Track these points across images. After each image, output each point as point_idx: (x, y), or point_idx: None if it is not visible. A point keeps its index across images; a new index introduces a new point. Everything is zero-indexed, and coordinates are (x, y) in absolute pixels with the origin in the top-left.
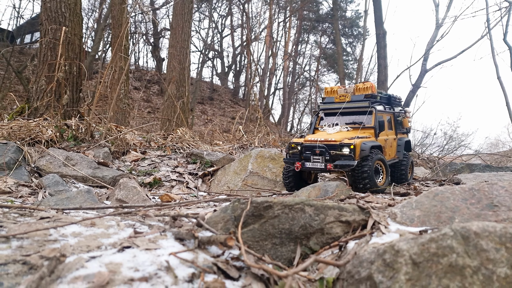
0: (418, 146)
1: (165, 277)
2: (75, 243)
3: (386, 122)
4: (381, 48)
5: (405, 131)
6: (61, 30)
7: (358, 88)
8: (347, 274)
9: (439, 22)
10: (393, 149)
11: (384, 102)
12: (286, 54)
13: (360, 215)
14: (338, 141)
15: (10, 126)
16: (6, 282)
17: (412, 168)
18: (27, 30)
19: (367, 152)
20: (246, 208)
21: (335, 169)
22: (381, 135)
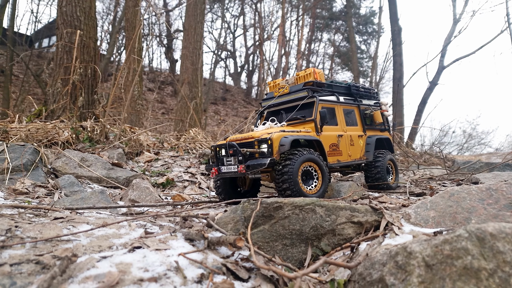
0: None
1: (174, 278)
2: (87, 243)
3: (342, 115)
4: (396, 45)
5: (383, 128)
6: (76, 34)
7: (298, 77)
8: (358, 276)
9: (456, 17)
10: (357, 148)
11: (338, 91)
12: (299, 53)
13: (372, 216)
14: (254, 137)
15: (28, 128)
16: (19, 281)
17: (396, 171)
18: (45, 34)
19: (287, 147)
20: (256, 209)
21: (248, 170)
22: (330, 129)
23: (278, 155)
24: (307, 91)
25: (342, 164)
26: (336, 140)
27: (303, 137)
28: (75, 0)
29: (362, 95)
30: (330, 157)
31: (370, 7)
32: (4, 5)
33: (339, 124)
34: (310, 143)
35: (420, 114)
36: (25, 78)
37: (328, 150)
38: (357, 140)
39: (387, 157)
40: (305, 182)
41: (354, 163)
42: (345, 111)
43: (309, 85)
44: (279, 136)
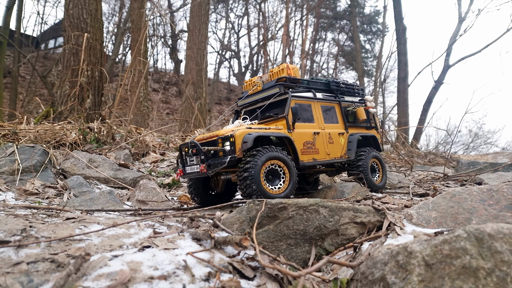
0: (441, 144)
1: (182, 276)
2: (98, 243)
3: (320, 112)
4: (401, 44)
5: (368, 126)
6: (83, 36)
7: (272, 74)
8: (361, 275)
9: (462, 15)
10: (337, 146)
11: (316, 88)
12: (304, 52)
13: (375, 216)
14: (218, 135)
15: (36, 130)
16: (36, 279)
17: (383, 169)
18: (51, 35)
19: (249, 145)
20: (261, 210)
21: (209, 170)
22: (305, 127)
23: (241, 153)
24: (279, 87)
25: (319, 163)
26: (311, 137)
27: (271, 134)
28: (81, 3)
29: (344, 92)
30: (305, 155)
31: (374, 7)
32: (11, 7)
33: (316, 121)
34: (281, 141)
35: (425, 114)
36: (32, 79)
37: (302, 148)
38: (337, 138)
39: (370, 154)
40: (271, 181)
41: (334, 162)
42: (324, 108)
43: (281, 81)
44: (242, 133)
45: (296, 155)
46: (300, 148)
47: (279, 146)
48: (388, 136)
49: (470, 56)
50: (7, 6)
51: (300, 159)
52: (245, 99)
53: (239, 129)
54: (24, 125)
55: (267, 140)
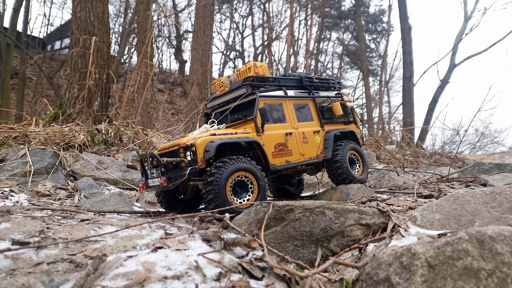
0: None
1: (194, 276)
2: (113, 244)
3: (292, 110)
4: (406, 43)
5: (346, 121)
6: (91, 39)
7: (239, 73)
8: (366, 276)
9: (467, 14)
10: (312, 145)
11: (287, 85)
12: (308, 52)
13: (380, 218)
14: (180, 144)
15: (46, 132)
16: (57, 278)
17: (363, 161)
18: (57, 36)
19: (211, 153)
20: (268, 212)
21: (169, 183)
22: (276, 128)
23: (203, 163)
24: (245, 87)
25: (294, 165)
26: (283, 139)
27: (236, 140)
28: (88, 6)
29: (318, 87)
30: (277, 158)
31: (379, 6)
32: (18, 9)
33: (289, 121)
34: (251, 145)
35: (431, 113)
36: (39, 81)
37: (273, 151)
38: (312, 136)
39: (347, 147)
40: (238, 194)
41: (310, 162)
42: (296, 105)
43: (249, 81)
44: (203, 141)
45: (266, 159)
46: (271, 151)
47: (249, 150)
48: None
49: (476, 55)
50: (14, 8)
51: (272, 163)
52: (212, 101)
53: (200, 137)
54: (33, 127)
55: (237, 145)
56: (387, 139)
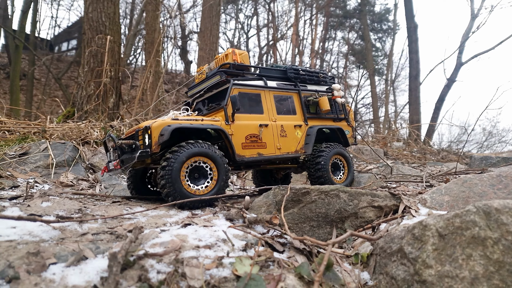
0: (454, 142)
1: (223, 246)
2: (145, 221)
3: (272, 102)
4: (413, 42)
5: (335, 117)
6: (106, 39)
7: (217, 60)
8: (379, 249)
9: (474, 12)
10: (291, 139)
11: (269, 76)
12: (313, 52)
13: (391, 200)
14: (140, 127)
15: (63, 128)
16: (102, 246)
17: (349, 167)
18: (64, 38)
19: (166, 137)
20: (287, 193)
21: (122, 166)
22: (250, 118)
23: (157, 147)
24: (219, 74)
25: (267, 158)
26: (257, 130)
27: (199, 126)
28: (100, 6)
29: (305, 80)
30: (247, 150)
31: (385, 4)
32: (26, 10)
33: (266, 112)
34: (219, 134)
35: (437, 112)
36: (47, 82)
37: (243, 141)
38: (292, 130)
39: (333, 150)
40: (195, 180)
41: (287, 157)
42: (277, 97)
43: (225, 68)
44: (160, 124)
45: (232, 149)
46: (241, 142)
47: (218, 139)
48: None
49: (483, 53)
50: (23, 10)
51: (241, 154)
52: (191, 90)
53: (157, 121)
54: (47, 123)
55: (206, 134)
56: (394, 136)
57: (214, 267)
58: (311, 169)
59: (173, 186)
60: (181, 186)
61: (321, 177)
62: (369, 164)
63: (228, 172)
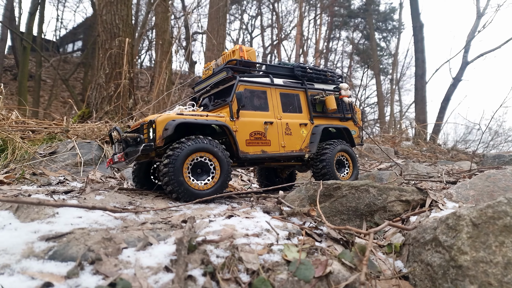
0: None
1: (269, 235)
2: (190, 213)
3: (278, 99)
4: (418, 41)
5: (341, 117)
6: (124, 42)
7: (225, 56)
8: (412, 240)
9: (480, 11)
10: (296, 138)
11: (276, 73)
12: (318, 51)
13: (418, 195)
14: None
15: (84, 128)
16: (161, 233)
17: (354, 164)
18: (69, 39)
19: (170, 132)
20: (320, 188)
21: (126, 159)
22: (255, 115)
23: (161, 141)
24: (226, 70)
25: (271, 156)
26: (261, 127)
27: (203, 121)
28: (113, 9)
29: (312, 78)
30: (251, 147)
31: (389, 4)
32: (34, 12)
33: (272, 110)
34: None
35: (443, 111)
36: (55, 83)
37: (248, 138)
38: (298, 129)
39: (337, 148)
40: (198, 175)
41: (291, 156)
42: (283, 95)
43: (231, 64)
44: (165, 119)
45: (236, 146)
46: (245, 138)
47: (222, 135)
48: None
49: (489, 52)
50: (30, 12)
51: (244, 150)
52: (198, 85)
53: (162, 115)
54: (64, 124)
55: (210, 130)
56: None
57: (266, 253)
58: (316, 165)
59: (177, 182)
60: (184, 183)
61: (326, 173)
62: (380, 163)
63: (230, 169)
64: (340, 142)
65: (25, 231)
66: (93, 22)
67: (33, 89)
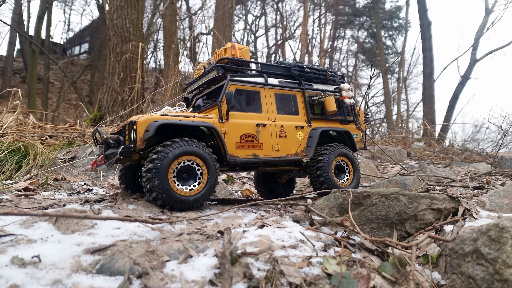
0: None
1: (305, 247)
2: (221, 222)
3: (273, 100)
4: (426, 39)
5: (342, 119)
6: (138, 46)
7: (216, 55)
8: (449, 251)
9: (489, 8)
10: (292, 141)
11: (271, 72)
12: (322, 51)
13: (450, 203)
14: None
15: None
16: (200, 245)
17: (355, 170)
18: (76, 42)
19: (151, 133)
20: (350, 197)
21: (106, 161)
22: (246, 117)
23: (142, 143)
24: (216, 69)
25: (263, 160)
26: (253, 129)
27: (188, 123)
28: (124, 13)
29: (311, 78)
30: (241, 150)
31: (395, 1)
32: (42, 16)
33: (265, 111)
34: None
35: (451, 110)
36: (62, 85)
37: (238, 141)
38: (294, 132)
39: (335, 151)
40: (184, 180)
41: (286, 160)
42: (279, 96)
43: (222, 63)
44: (146, 119)
45: (224, 149)
46: (235, 141)
47: (211, 137)
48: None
49: (498, 50)
50: (39, 16)
51: (234, 154)
52: (191, 85)
53: (144, 115)
54: (81, 128)
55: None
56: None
57: (305, 266)
58: (312, 171)
59: (161, 189)
60: (170, 189)
61: (324, 181)
62: (394, 165)
63: (217, 174)
64: (339, 146)
65: (69, 243)
66: (99, 25)
67: (42, 91)
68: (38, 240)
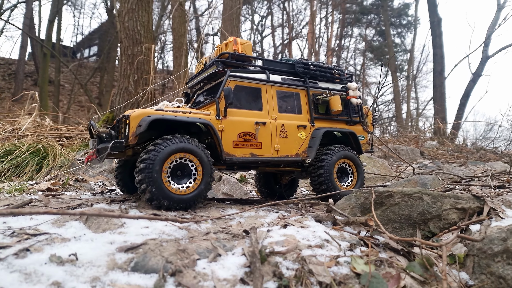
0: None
1: (331, 246)
2: (244, 221)
3: (274, 98)
4: (436, 36)
5: (348, 120)
6: (150, 48)
7: (218, 49)
8: (477, 251)
9: (501, 3)
10: (293, 141)
11: (274, 69)
12: (330, 49)
13: (475, 202)
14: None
15: None
16: (227, 244)
17: (359, 173)
18: (85, 44)
19: (143, 129)
20: (373, 196)
21: (98, 156)
22: (245, 114)
23: (134, 138)
24: (216, 64)
25: (261, 160)
26: (252, 128)
27: (183, 119)
28: (135, 16)
29: (316, 76)
30: (239, 149)
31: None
32: (53, 20)
33: (266, 109)
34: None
35: (463, 108)
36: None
37: (236, 140)
38: (295, 131)
39: (339, 153)
40: (178, 179)
41: (286, 161)
42: (281, 93)
43: (223, 58)
44: (139, 114)
45: (220, 146)
46: (233, 139)
47: (209, 135)
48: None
49: (511, 46)
50: (49, 20)
51: (230, 152)
52: (191, 80)
53: (137, 110)
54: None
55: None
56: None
57: (334, 265)
58: (313, 174)
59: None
60: (164, 188)
61: (323, 183)
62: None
63: (213, 172)
64: (343, 148)
65: (101, 242)
66: (108, 28)
67: (53, 94)
68: (72, 238)
